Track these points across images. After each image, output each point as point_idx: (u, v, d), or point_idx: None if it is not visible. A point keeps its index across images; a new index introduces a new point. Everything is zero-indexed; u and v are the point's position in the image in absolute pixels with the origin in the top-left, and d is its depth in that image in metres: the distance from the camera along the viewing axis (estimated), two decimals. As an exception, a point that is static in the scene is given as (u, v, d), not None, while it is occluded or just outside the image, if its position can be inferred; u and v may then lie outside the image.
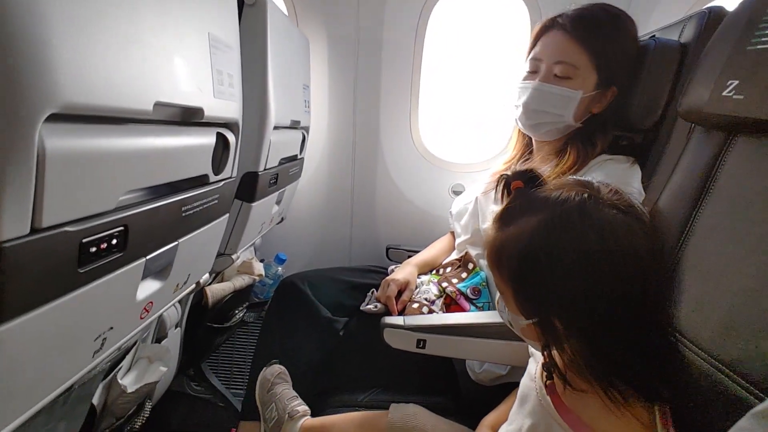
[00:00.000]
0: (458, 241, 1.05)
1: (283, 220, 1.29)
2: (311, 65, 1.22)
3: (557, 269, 0.45)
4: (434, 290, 0.93)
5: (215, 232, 0.70)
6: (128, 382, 0.72)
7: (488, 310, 0.87)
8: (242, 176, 0.84)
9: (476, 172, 1.51)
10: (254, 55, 0.80)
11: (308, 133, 1.21)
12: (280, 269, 1.54)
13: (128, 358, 0.74)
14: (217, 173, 0.63)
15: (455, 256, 1.05)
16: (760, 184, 0.48)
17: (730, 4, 0.66)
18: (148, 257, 0.49)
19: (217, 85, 0.57)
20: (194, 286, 0.72)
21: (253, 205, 0.88)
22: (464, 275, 0.95)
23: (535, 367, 0.58)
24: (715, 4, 0.77)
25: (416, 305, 0.89)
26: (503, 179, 0.55)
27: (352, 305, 1.02)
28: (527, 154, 0.99)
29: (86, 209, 0.38)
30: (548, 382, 0.52)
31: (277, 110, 0.86)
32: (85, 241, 0.37)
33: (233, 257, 0.92)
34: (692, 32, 0.76)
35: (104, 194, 0.40)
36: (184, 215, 0.55)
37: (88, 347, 0.45)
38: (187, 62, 0.50)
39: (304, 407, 0.81)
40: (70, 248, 0.36)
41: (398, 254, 1.35)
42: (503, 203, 0.54)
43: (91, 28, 0.35)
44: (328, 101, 1.45)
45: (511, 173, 0.55)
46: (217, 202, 0.64)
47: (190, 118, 0.55)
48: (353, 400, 0.87)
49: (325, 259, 1.63)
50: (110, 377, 0.71)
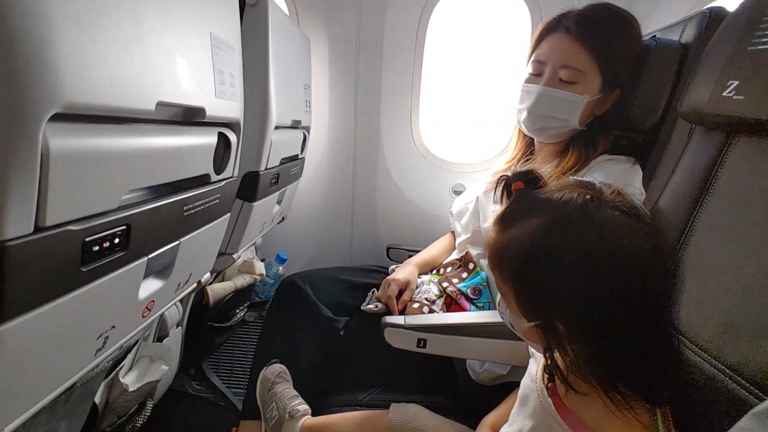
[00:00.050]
0: (459, 240, 1.05)
1: (284, 219, 1.29)
2: (312, 65, 1.22)
3: (559, 271, 0.44)
4: (435, 290, 0.94)
5: (216, 231, 0.70)
6: (130, 380, 0.73)
7: (489, 309, 0.87)
8: (243, 176, 0.84)
9: (477, 171, 1.51)
10: (255, 55, 0.80)
11: (309, 132, 1.22)
12: (280, 269, 1.54)
13: (130, 356, 0.75)
14: (218, 173, 0.63)
15: (456, 255, 1.05)
16: (760, 184, 0.48)
17: (730, 4, 0.66)
18: (150, 256, 0.49)
19: (218, 84, 0.58)
20: (195, 285, 0.72)
21: (254, 204, 0.88)
22: (465, 275, 0.95)
23: (535, 367, 0.57)
24: (715, 4, 0.77)
25: (417, 305, 0.89)
26: (503, 180, 0.54)
27: (352, 305, 1.02)
28: (528, 154, 0.98)
29: (89, 208, 0.38)
30: (550, 384, 0.52)
31: (278, 110, 0.86)
32: (87, 240, 0.38)
33: (234, 257, 0.92)
34: (693, 32, 0.76)
35: (107, 193, 0.40)
36: (185, 215, 0.55)
37: (90, 346, 0.45)
38: (188, 62, 0.50)
39: (304, 406, 0.81)
40: (72, 247, 0.36)
41: (399, 254, 1.35)
42: (504, 204, 0.54)
43: (93, 28, 0.35)
44: (328, 101, 1.45)
45: (511, 174, 0.54)
46: (218, 201, 0.65)
47: (191, 117, 0.55)
48: (354, 399, 0.87)
49: (325, 258, 1.64)
50: (112, 376, 0.71)
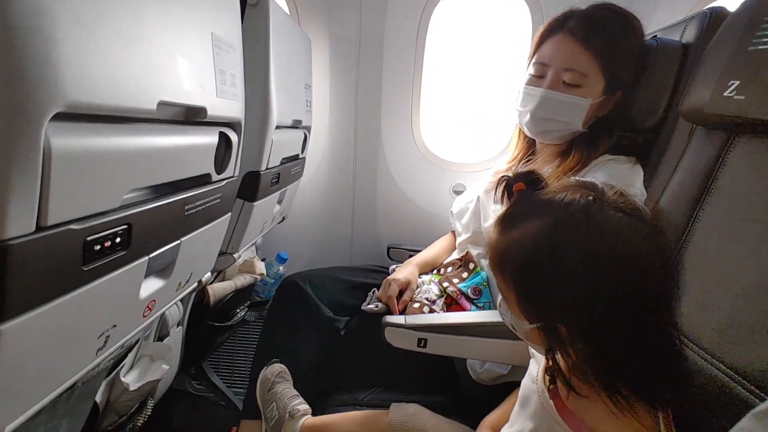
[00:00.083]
0: (459, 240, 1.05)
1: (284, 219, 1.29)
2: (313, 65, 1.22)
3: (561, 273, 0.44)
4: (435, 290, 0.94)
5: (217, 231, 0.70)
6: (131, 379, 0.73)
7: (489, 309, 0.87)
8: (244, 175, 0.84)
9: (477, 171, 1.51)
10: (256, 54, 0.80)
11: (310, 132, 1.22)
12: (281, 268, 1.54)
13: (131, 356, 0.75)
14: (219, 172, 0.63)
15: (456, 255, 1.05)
16: (760, 184, 0.48)
17: (731, 4, 0.66)
18: (151, 255, 0.49)
19: (219, 84, 0.58)
20: (196, 284, 0.72)
21: (254, 204, 0.89)
22: (465, 275, 0.95)
23: (536, 368, 0.57)
24: (716, 4, 0.77)
25: (417, 305, 0.89)
26: (504, 180, 0.54)
27: (353, 304, 1.02)
28: (530, 154, 0.98)
29: (91, 207, 0.38)
30: (551, 386, 0.51)
31: (279, 110, 0.86)
32: (89, 239, 0.38)
33: (235, 256, 0.92)
34: (694, 33, 0.76)
35: (108, 193, 0.40)
36: (186, 214, 0.55)
37: (91, 345, 0.45)
38: (190, 62, 0.50)
39: (304, 406, 0.81)
40: (74, 246, 0.36)
41: (399, 254, 1.35)
42: (505, 205, 0.53)
43: (95, 27, 0.35)
44: (329, 101, 1.45)
45: (512, 175, 0.53)
46: (219, 201, 0.65)
47: (193, 117, 0.55)
48: (354, 399, 0.87)
49: (326, 258, 1.64)
50: (113, 375, 0.71)
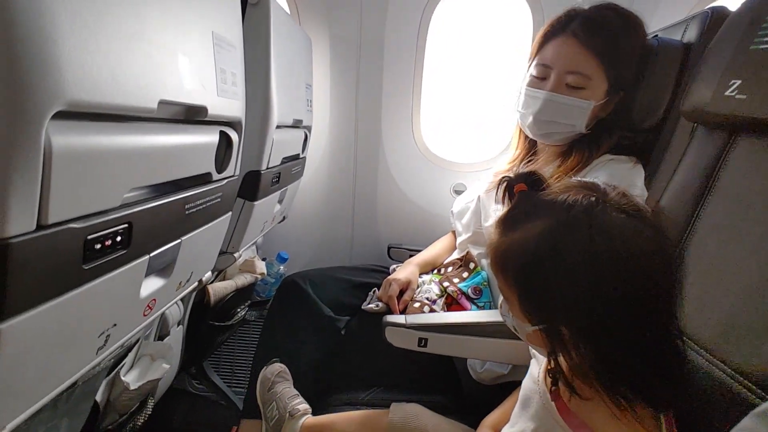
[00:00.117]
0: (459, 240, 1.05)
1: (285, 219, 1.29)
2: (313, 65, 1.22)
3: (564, 274, 0.43)
4: (435, 290, 0.94)
5: (218, 230, 0.70)
6: (131, 379, 0.73)
7: (489, 309, 0.87)
8: (245, 175, 0.84)
9: (478, 171, 1.51)
10: (257, 54, 0.80)
11: (310, 132, 1.22)
12: (281, 268, 1.54)
13: (131, 355, 0.75)
14: (220, 171, 0.63)
15: (456, 255, 1.05)
16: (761, 183, 0.48)
17: (732, 4, 0.66)
18: (151, 254, 0.49)
19: (220, 83, 0.58)
20: (197, 284, 0.72)
21: (255, 203, 0.88)
22: (465, 275, 0.95)
23: (537, 369, 0.57)
24: (717, 4, 0.77)
25: (418, 305, 0.89)
26: (505, 181, 0.53)
27: (353, 304, 1.02)
28: (531, 154, 0.98)
29: (91, 206, 0.38)
30: (553, 388, 0.51)
31: (279, 109, 0.86)
32: (90, 237, 0.38)
33: (235, 255, 0.92)
34: (695, 32, 0.76)
35: (109, 192, 0.40)
36: (187, 213, 0.55)
37: (91, 344, 0.45)
38: (190, 61, 0.50)
39: (305, 406, 0.81)
40: (75, 245, 0.36)
41: (399, 253, 1.35)
42: (505, 206, 0.52)
43: (96, 26, 0.35)
44: (330, 101, 1.45)
45: (513, 175, 0.53)
46: (219, 200, 0.65)
47: (193, 116, 0.55)
48: (354, 398, 0.87)
49: (326, 258, 1.64)
50: (113, 374, 0.71)
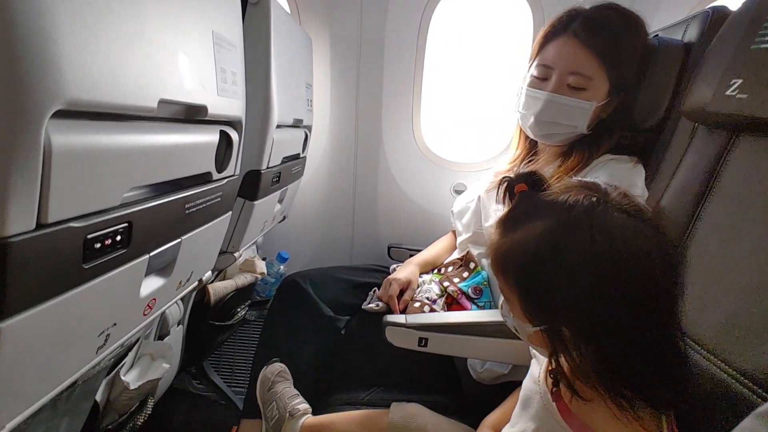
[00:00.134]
0: (460, 239, 1.04)
1: (285, 218, 1.29)
2: (314, 64, 1.22)
3: (565, 275, 0.43)
4: (436, 289, 0.93)
5: (218, 229, 0.70)
6: (131, 378, 0.73)
7: (490, 309, 0.87)
8: (245, 174, 0.84)
9: (478, 171, 1.51)
10: (257, 53, 0.80)
11: (310, 131, 1.22)
12: (282, 268, 1.54)
13: (131, 354, 0.75)
14: (220, 171, 0.63)
15: (456, 255, 1.05)
16: (762, 183, 0.48)
17: (733, 4, 0.66)
18: (151, 254, 0.49)
19: (220, 83, 0.58)
20: (197, 283, 0.72)
21: (255, 203, 0.88)
22: (465, 274, 0.95)
23: (537, 369, 0.57)
24: (718, 3, 0.77)
25: (418, 304, 0.89)
26: (505, 181, 0.53)
27: (353, 304, 1.02)
28: (531, 154, 0.98)
29: (91, 205, 0.38)
30: (554, 389, 0.51)
31: (279, 109, 0.86)
32: (90, 237, 0.38)
33: (235, 255, 0.92)
34: (696, 32, 0.75)
35: (109, 190, 0.40)
36: (187, 213, 0.55)
37: (91, 343, 0.45)
38: (191, 60, 0.50)
39: (305, 405, 0.81)
40: (75, 244, 0.36)
41: (400, 253, 1.35)
42: (506, 207, 0.52)
43: (95, 25, 0.35)
44: (330, 100, 1.45)
45: (513, 176, 0.52)
46: (219, 199, 0.65)
47: (193, 115, 0.55)
48: (354, 398, 0.87)
49: (326, 257, 1.64)
50: (113, 374, 0.71)
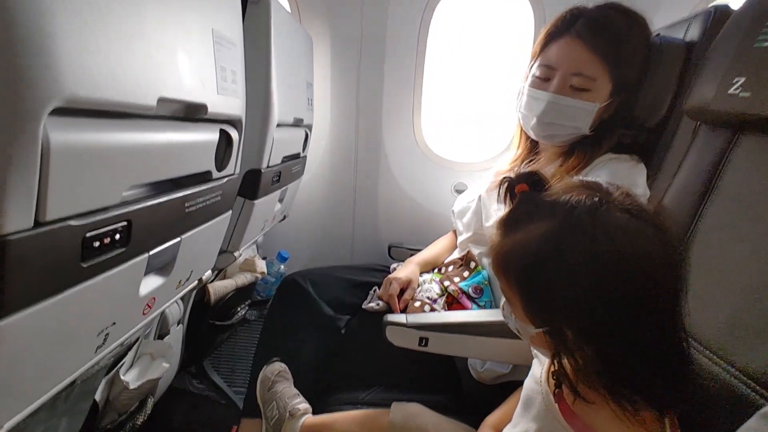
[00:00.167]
0: (460, 239, 1.04)
1: (285, 217, 1.29)
2: (314, 63, 1.22)
3: (568, 276, 0.43)
4: (436, 289, 0.93)
5: (218, 229, 0.70)
6: (131, 378, 0.73)
7: (490, 308, 0.87)
8: (245, 173, 0.84)
9: (479, 170, 1.51)
10: (258, 52, 0.80)
11: (311, 131, 1.21)
12: (282, 267, 1.54)
13: (131, 354, 0.74)
14: (220, 170, 0.62)
15: (457, 254, 1.05)
16: (765, 182, 0.48)
17: (735, 2, 0.65)
18: (151, 253, 0.49)
19: (220, 81, 0.57)
20: (197, 282, 0.72)
21: (255, 202, 0.88)
22: (466, 274, 0.95)
23: (539, 369, 0.56)
24: (720, 2, 0.76)
25: (418, 304, 0.89)
26: (506, 181, 0.52)
27: (354, 303, 1.02)
28: (533, 154, 0.97)
29: (90, 203, 0.38)
30: (556, 390, 0.50)
31: (280, 108, 0.86)
32: (88, 235, 0.37)
33: (235, 254, 0.92)
34: (698, 30, 0.75)
35: (108, 189, 0.40)
36: (186, 212, 0.55)
37: (90, 342, 0.45)
38: (190, 58, 0.50)
39: (305, 405, 0.81)
40: (73, 242, 0.36)
41: (400, 253, 1.35)
42: (507, 207, 0.52)
43: (95, 22, 0.34)
44: (330, 99, 1.45)
45: (514, 175, 0.52)
46: (219, 198, 0.64)
47: (193, 114, 0.55)
48: (355, 398, 0.87)
49: (327, 257, 1.63)
50: (113, 373, 0.71)
